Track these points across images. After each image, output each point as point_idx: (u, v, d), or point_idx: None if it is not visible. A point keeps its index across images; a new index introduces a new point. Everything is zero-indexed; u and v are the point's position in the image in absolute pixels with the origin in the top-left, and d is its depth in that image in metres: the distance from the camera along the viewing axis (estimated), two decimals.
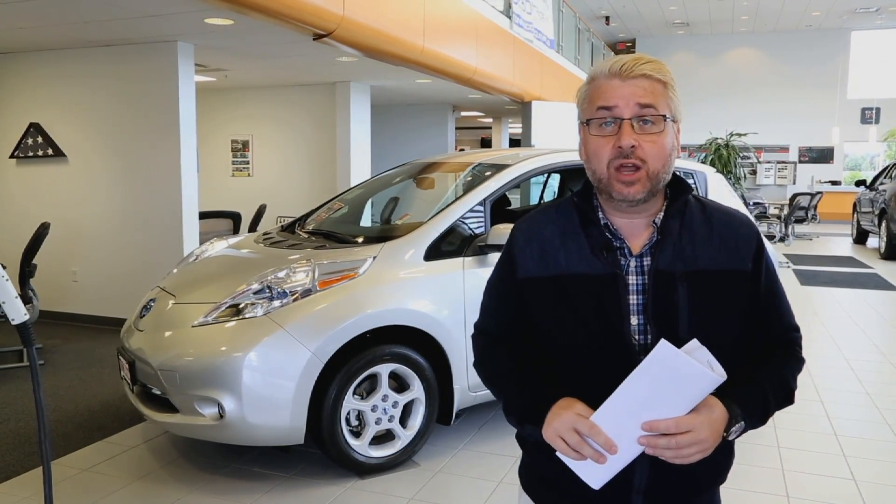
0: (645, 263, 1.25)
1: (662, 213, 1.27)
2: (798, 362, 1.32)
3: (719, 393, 1.14)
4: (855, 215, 13.88)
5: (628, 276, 1.25)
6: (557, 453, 1.17)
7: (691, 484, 1.28)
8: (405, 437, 3.37)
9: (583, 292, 1.24)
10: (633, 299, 1.24)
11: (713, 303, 1.24)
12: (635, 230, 1.27)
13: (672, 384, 1.10)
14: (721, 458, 1.28)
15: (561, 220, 1.32)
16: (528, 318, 1.31)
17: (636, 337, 1.22)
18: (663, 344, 1.10)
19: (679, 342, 1.15)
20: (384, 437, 3.35)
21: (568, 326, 1.25)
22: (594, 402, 1.17)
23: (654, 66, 1.22)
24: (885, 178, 12.31)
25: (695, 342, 1.14)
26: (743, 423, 1.19)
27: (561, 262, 1.27)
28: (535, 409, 1.22)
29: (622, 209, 1.26)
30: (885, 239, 11.24)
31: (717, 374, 1.11)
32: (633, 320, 1.23)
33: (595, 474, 1.15)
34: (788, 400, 1.28)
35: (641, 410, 1.11)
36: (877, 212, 11.80)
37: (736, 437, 1.20)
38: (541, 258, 1.29)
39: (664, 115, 1.21)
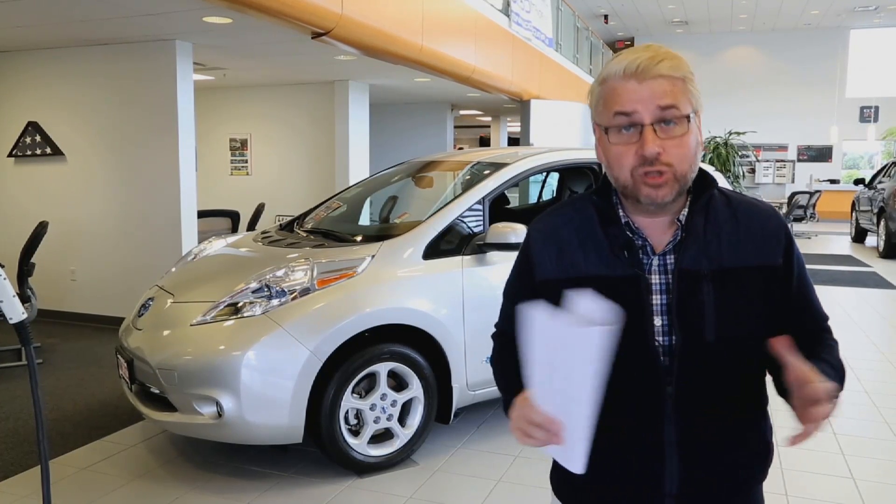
0: (668, 262, 1.20)
1: (686, 210, 1.22)
2: (837, 345, 1.26)
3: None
4: (854, 214, 13.88)
5: (651, 276, 1.20)
6: (545, 448, 1.11)
7: (731, 482, 1.24)
8: (404, 435, 3.37)
9: (603, 294, 1.18)
10: (656, 299, 1.19)
11: (740, 301, 1.19)
12: (658, 228, 1.22)
13: (564, 350, 1.01)
14: (762, 452, 1.26)
15: (578, 219, 1.27)
16: None
17: (659, 338, 1.18)
18: (529, 310, 1.02)
19: (705, 342, 1.13)
20: (383, 436, 3.35)
21: None
22: (617, 406, 1.14)
23: (672, 63, 1.15)
24: (883, 176, 12.31)
25: (586, 292, 1.05)
26: (835, 399, 1.10)
27: (580, 263, 1.23)
28: (509, 405, 1.19)
29: (648, 210, 1.21)
30: (883, 237, 11.25)
31: (602, 325, 1.00)
32: (657, 321, 1.18)
33: (569, 458, 1.08)
34: (843, 381, 1.21)
35: (561, 379, 1.03)
36: (875, 210, 11.80)
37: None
38: (559, 259, 1.25)
39: (687, 116, 1.15)
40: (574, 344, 1.00)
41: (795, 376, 1.05)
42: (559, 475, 1.36)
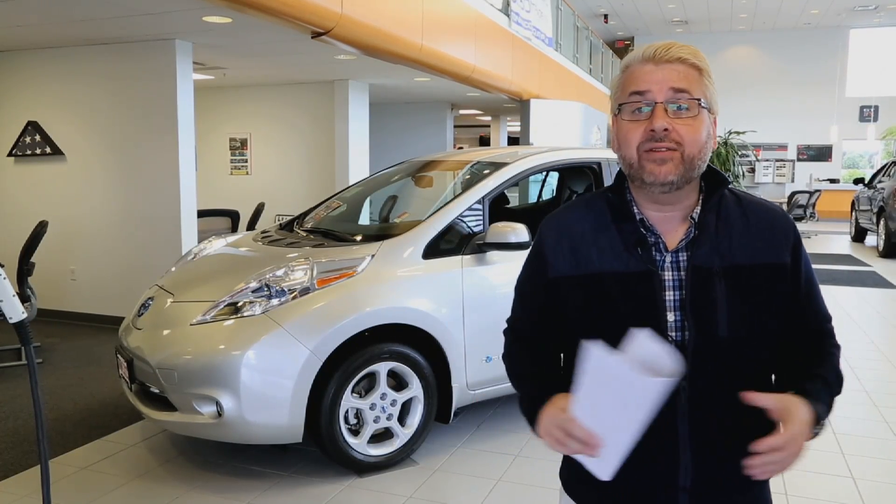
0: (681, 259, 1.22)
1: (699, 208, 1.24)
2: (838, 350, 1.30)
3: (799, 391, 1.16)
4: (853, 213, 13.88)
5: (664, 272, 1.21)
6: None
7: (743, 479, 1.24)
8: (404, 435, 3.37)
9: (617, 291, 1.22)
10: (669, 295, 1.21)
11: (752, 298, 1.21)
12: (671, 225, 1.24)
13: (619, 390, 1.04)
14: None
15: (592, 215, 1.28)
16: (559, 317, 1.28)
17: (672, 333, 1.20)
18: (590, 348, 1.04)
19: (718, 338, 1.15)
20: (383, 436, 3.35)
21: (602, 325, 1.22)
22: None
23: (690, 50, 1.20)
24: (883, 176, 12.31)
25: (646, 332, 1.08)
26: (823, 421, 1.17)
27: (593, 259, 1.24)
28: (535, 410, 1.22)
29: (655, 197, 1.22)
30: (883, 237, 11.25)
31: (665, 377, 1.03)
32: (670, 317, 1.20)
33: (599, 467, 1.11)
34: (840, 389, 1.26)
35: (609, 410, 1.07)
36: (875, 210, 11.81)
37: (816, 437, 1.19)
38: (572, 256, 1.26)
39: (698, 100, 1.18)
40: (631, 388, 1.04)
41: (776, 413, 1.13)
42: (569, 472, 1.37)
